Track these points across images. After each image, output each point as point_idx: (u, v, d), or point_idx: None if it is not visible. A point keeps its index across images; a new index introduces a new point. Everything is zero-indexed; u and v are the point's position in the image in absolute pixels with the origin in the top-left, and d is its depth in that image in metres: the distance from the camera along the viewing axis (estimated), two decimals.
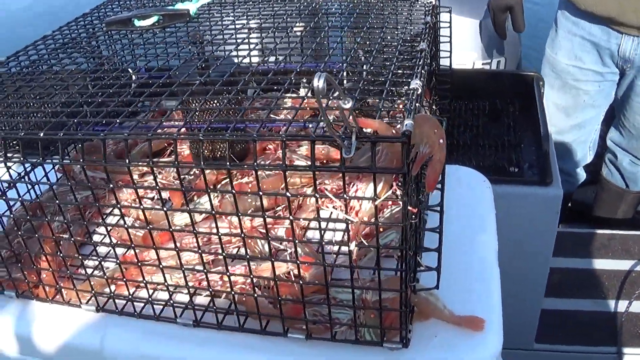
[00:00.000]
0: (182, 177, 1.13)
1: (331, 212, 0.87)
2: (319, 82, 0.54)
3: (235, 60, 1.03)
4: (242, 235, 0.75)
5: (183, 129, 1.03)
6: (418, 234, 0.81)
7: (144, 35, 1.18)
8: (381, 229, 0.82)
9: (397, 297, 0.77)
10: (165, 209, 0.76)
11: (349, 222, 0.70)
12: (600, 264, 1.84)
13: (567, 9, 1.99)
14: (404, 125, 0.65)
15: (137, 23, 1.08)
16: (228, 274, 0.80)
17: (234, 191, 0.71)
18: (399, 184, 0.73)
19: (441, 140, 0.68)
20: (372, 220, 0.70)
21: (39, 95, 0.95)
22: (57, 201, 0.86)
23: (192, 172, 1.13)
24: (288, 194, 0.70)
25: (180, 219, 1.04)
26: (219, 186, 1.05)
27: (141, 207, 0.78)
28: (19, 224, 0.97)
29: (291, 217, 0.71)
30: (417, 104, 0.78)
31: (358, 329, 0.79)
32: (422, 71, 0.87)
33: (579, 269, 1.83)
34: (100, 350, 0.88)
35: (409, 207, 0.71)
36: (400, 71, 0.85)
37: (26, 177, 0.91)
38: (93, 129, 0.80)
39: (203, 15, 1.23)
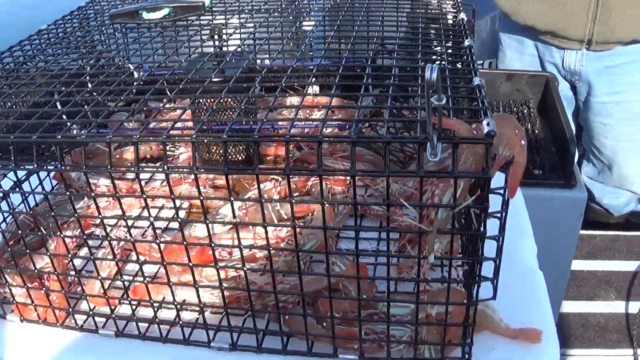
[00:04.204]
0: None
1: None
2: (432, 75, 0.48)
3: (250, 57, 0.96)
4: (297, 250, 0.68)
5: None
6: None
7: (138, 30, 1.09)
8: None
9: (459, 310, 0.72)
10: (210, 220, 0.69)
11: (424, 232, 0.65)
12: (607, 265, 1.82)
13: (509, 29, 1.96)
14: (485, 125, 0.60)
15: (146, 16, 1.00)
16: (275, 292, 0.73)
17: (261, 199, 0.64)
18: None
19: (523, 142, 0.63)
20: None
21: (31, 94, 0.86)
22: (100, 215, 0.76)
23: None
24: (355, 200, 0.64)
25: (204, 228, 0.96)
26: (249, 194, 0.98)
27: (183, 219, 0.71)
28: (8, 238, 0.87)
29: (357, 227, 0.65)
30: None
31: (417, 346, 0.74)
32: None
33: (588, 271, 1.81)
34: None
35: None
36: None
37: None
38: (97, 131, 0.72)
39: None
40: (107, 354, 0.82)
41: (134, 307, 0.83)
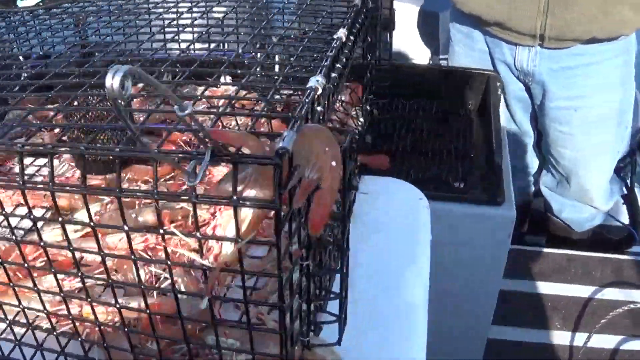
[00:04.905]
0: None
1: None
2: (112, 81, 0.35)
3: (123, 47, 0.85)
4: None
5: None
6: (314, 278, 0.64)
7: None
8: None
9: None
10: None
11: (206, 269, 0.52)
12: (558, 288, 1.65)
13: (457, 20, 1.76)
14: (282, 139, 0.47)
15: (20, 3, 0.94)
16: (72, 317, 0.61)
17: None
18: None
19: (334, 163, 0.50)
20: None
21: None
22: None
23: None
24: (126, 227, 0.51)
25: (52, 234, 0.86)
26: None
27: None
28: None
29: (133, 257, 0.52)
30: (317, 109, 0.60)
31: None
32: (336, 65, 0.69)
33: (533, 293, 1.65)
34: None
35: (295, 250, 0.53)
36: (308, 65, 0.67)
37: None
38: None
39: None
40: None
41: None
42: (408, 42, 2.23)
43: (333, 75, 0.68)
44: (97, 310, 0.65)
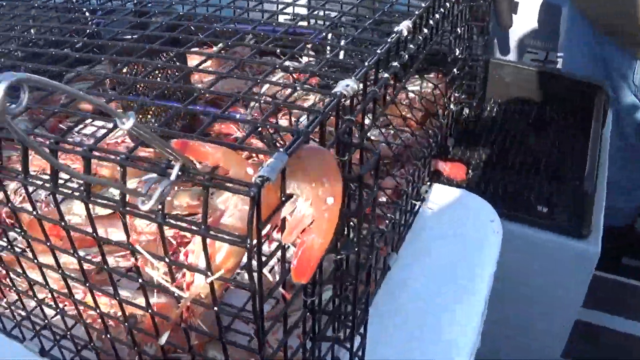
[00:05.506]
0: None
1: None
2: None
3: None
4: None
5: None
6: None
7: None
8: None
9: None
10: None
11: (176, 297, 0.45)
12: None
13: (575, 21, 1.55)
14: (266, 164, 0.39)
15: None
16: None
17: None
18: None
19: (330, 200, 0.41)
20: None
21: None
22: None
23: None
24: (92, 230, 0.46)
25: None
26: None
27: None
28: None
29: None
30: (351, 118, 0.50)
31: None
32: (393, 62, 0.59)
33: (621, 332, 1.46)
34: None
35: (283, 292, 0.46)
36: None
37: None
38: None
39: None
40: None
41: None
42: (527, 36, 2.06)
43: (384, 75, 0.58)
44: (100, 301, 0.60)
